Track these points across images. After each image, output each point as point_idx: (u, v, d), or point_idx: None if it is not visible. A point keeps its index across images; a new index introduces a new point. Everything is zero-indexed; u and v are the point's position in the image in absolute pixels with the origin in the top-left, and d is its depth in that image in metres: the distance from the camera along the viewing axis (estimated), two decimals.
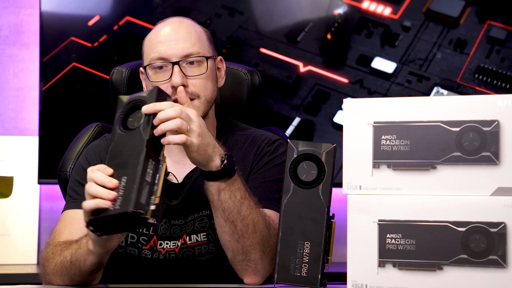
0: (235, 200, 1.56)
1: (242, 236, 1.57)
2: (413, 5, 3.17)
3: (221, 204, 1.56)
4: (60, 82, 3.02)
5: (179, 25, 1.75)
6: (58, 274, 1.60)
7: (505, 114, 1.31)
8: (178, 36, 1.73)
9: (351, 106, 1.38)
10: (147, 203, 1.36)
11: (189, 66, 1.72)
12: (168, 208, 1.73)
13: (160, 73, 1.72)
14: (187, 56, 1.72)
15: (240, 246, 1.58)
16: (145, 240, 1.72)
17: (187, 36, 1.73)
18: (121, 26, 3.05)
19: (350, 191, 1.37)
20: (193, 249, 1.72)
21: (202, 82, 1.72)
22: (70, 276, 1.58)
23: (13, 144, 2.98)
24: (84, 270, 1.55)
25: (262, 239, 1.59)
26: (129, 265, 1.75)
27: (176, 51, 1.71)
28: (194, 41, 1.74)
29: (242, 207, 1.57)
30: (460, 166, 1.33)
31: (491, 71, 3.14)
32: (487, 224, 1.30)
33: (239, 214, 1.56)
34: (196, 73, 1.72)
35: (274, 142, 1.80)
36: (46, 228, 3.00)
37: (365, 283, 1.35)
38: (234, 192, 1.56)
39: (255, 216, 1.59)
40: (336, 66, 3.14)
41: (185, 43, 1.72)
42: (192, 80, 1.71)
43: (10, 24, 3.09)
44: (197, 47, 1.73)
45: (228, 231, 1.58)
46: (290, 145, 1.42)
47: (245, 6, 3.12)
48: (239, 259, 1.60)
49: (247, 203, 1.58)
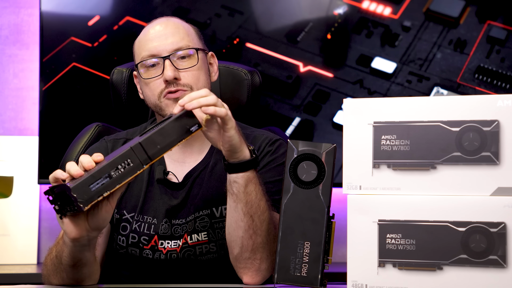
0: (258, 193, 1.57)
1: (255, 232, 1.58)
2: (413, 5, 3.17)
3: (246, 196, 1.56)
4: (60, 82, 3.02)
5: (166, 22, 1.78)
6: (51, 272, 1.60)
7: (505, 114, 1.31)
8: (166, 31, 1.75)
9: (351, 106, 1.38)
10: (94, 193, 1.36)
11: (180, 60, 1.74)
12: (168, 207, 1.73)
13: (152, 70, 1.74)
14: (177, 50, 1.74)
15: (251, 243, 1.59)
16: (146, 240, 1.72)
17: (175, 31, 1.76)
18: (121, 26, 3.05)
19: (350, 191, 1.37)
20: (194, 249, 1.72)
21: (194, 74, 1.74)
22: (59, 273, 1.57)
23: (13, 144, 2.98)
24: (65, 263, 1.53)
25: (270, 239, 1.60)
26: (130, 265, 1.75)
27: (166, 46, 1.73)
28: (183, 35, 1.76)
29: (262, 201, 1.58)
30: (460, 166, 1.33)
31: (491, 71, 3.14)
32: (487, 224, 1.30)
33: (258, 208, 1.58)
34: (188, 66, 1.73)
35: (275, 142, 1.80)
36: (46, 228, 3.00)
37: (365, 283, 1.35)
38: (259, 185, 1.58)
39: (269, 213, 1.60)
40: (336, 66, 3.14)
41: (173, 38, 1.74)
42: (184, 73, 1.73)
43: (10, 24, 3.09)
44: (186, 41, 1.75)
45: (244, 226, 1.58)
46: (290, 145, 1.42)
47: (245, 6, 3.12)
48: (245, 256, 1.60)
49: (265, 198, 1.60)
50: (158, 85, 1.73)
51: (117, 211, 1.73)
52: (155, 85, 1.73)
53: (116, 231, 1.74)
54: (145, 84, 1.74)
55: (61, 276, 1.57)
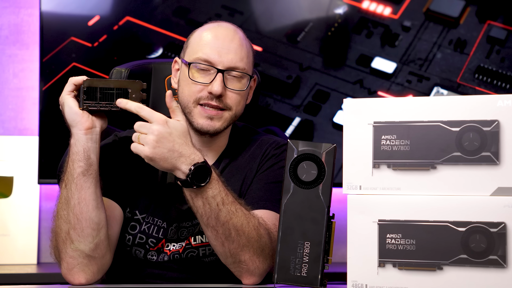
0: (210, 208, 1.57)
1: (226, 240, 1.58)
2: (413, 5, 3.17)
3: (197, 210, 1.58)
4: (60, 82, 3.02)
5: (233, 35, 1.75)
6: (59, 213, 1.59)
7: (505, 114, 1.31)
8: (230, 45, 1.72)
9: (351, 106, 1.38)
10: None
11: (231, 78, 1.72)
12: (178, 212, 1.73)
13: (202, 74, 1.71)
14: (233, 68, 1.72)
15: (227, 250, 1.59)
16: (154, 242, 1.72)
17: (238, 48, 1.73)
18: (121, 26, 3.05)
19: (350, 191, 1.37)
20: (197, 250, 1.72)
21: (237, 98, 1.73)
22: (70, 209, 1.58)
23: (13, 144, 2.98)
24: (76, 175, 1.59)
25: (250, 241, 1.59)
26: (133, 265, 1.75)
27: (225, 60, 1.71)
28: (243, 56, 1.74)
29: (220, 213, 1.57)
30: (460, 166, 1.33)
31: (491, 71, 3.14)
32: (487, 224, 1.30)
33: (217, 220, 1.57)
34: (236, 88, 1.72)
35: (281, 146, 1.80)
36: (46, 228, 3.00)
37: (365, 283, 1.35)
38: (208, 200, 1.57)
39: (238, 221, 1.58)
40: (336, 66, 3.14)
41: (235, 55, 1.72)
42: (229, 93, 1.72)
43: (10, 24, 3.09)
44: (244, 63, 1.74)
45: (211, 235, 1.59)
46: (290, 145, 1.42)
47: (245, 6, 3.12)
48: (229, 261, 1.61)
49: (226, 209, 1.57)
50: (200, 91, 1.71)
51: (129, 210, 1.73)
52: (197, 89, 1.71)
53: (124, 229, 1.73)
54: (187, 81, 1.73)
55: (74, 215, 1.58)
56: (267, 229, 1.62)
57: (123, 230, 1.73)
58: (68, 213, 1.58)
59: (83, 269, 1.59)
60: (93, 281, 1.61)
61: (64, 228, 1.58)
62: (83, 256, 1.58)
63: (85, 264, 1.59)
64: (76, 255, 1.58)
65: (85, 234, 1.58)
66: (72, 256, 1.58)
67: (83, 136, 1.60)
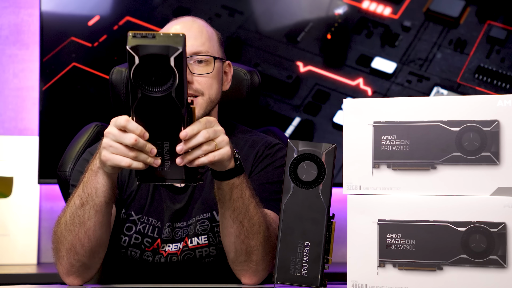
0: (244, 199, 1.56)
1: (247, 237, 1.57)
2: (413, 5, 3.17)
3: (232, 204, 1.55)
4: (60, 82, 3.02)
5: (191, 24, 1.77)
6: (69, 226, 1.56)
7: (505, 114, 1.31)
8: (189, 34, 1.73)
9: (351, 106, 1.38)
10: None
11: (197, 64, 1.73)
12: (172, 211, 1.73)
13: None
14: (195, 53, 1.73)
15: (244, 247, 1.58)
16: (149, 242, 1.72)
17: (198, 34, 1.74)
18: (121, 26, 3.05)
19: (350, 191, 1.37)
20: (194, 252, 1.72)
21: (207, 81, 1.73)
22: (83, 229, 1.54)
23: (13, 144, 2.98)
24: (98, 202, 1.51)
25: (264, 239, 1.59)
26: (129, 267, 1.75)
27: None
28: (204, 40, 1.75)
29: (250, 206, 1.57)
30: (460, 166, 1.33)
31: (491, 71, 3.14)
32: (487, 224, 1.30)
33: (247, 213, 1.56)
34: (202, 72, 1.73)
35: (274, 146, 1.80)
36: (46, 228, 3.00)
37: (365, 283, 1.35)
38: (245, 190, 1.56)
39: (260, 216, 1.59)
40: (336, 66, 3.14)
41: (194, 41, 1.73)
42: (197, 78, 1.72)
43: (10, 24, 3.09)
44: (206, 47, 1.74)
45: (235, 232, 1.58)
46: (290, 145, 1.42)
47: (245, 6, 3.12)
48: (241, 259, 1.60)
49: (254, 202, 1.58)
50: None
51: (124, 211, 1.73)
52: None
53: (120, 231, 1.73)
54: None
55: (84, 227, 1.55)
56: (274, 229, 1.62)
57: (118, 232, 1.73)
58: (80, 230, 1.56)
59: (80, 275, 1.61)
60: (88, 281, 1.64)
61: (69, 240, 1.57)
62: (82, 265, 1.60)
63: (82, 271, 1.61)
64: (77, 264, 1.59)
65: (93, 251, 1.58)
66: (73, 264, 1.59)
67: (114, 175, 1.52)
